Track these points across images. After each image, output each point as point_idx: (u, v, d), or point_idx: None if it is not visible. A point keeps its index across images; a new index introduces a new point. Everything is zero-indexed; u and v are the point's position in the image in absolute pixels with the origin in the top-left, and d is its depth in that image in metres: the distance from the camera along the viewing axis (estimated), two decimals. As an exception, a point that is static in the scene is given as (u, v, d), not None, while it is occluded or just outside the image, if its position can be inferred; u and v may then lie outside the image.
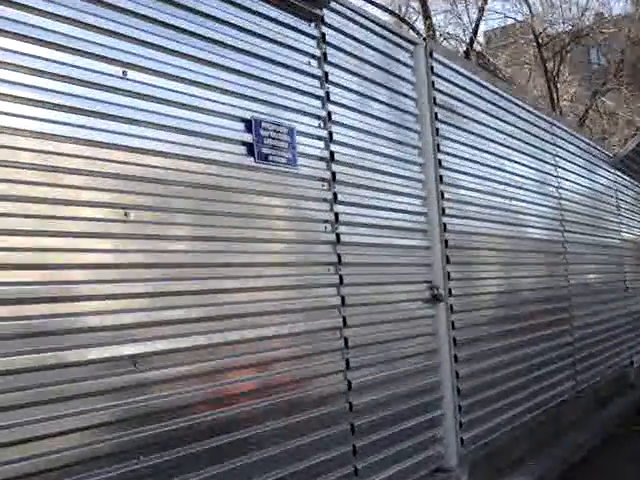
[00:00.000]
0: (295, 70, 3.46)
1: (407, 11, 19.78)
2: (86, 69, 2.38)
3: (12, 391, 1.94)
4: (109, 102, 2.44)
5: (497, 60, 20.81)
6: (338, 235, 3.47)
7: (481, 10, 19.93)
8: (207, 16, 2.93)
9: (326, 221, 3.52)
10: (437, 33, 18.51)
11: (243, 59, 3.13)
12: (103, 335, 2.24)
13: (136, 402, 2.35)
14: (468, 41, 19.57)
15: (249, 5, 3.18)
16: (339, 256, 3.44)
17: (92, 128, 2.36)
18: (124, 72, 2.51)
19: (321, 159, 3.58)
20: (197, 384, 2.60)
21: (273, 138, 3.22)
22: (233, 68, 3.07)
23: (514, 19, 23.30)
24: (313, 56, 3.60)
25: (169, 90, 2.70)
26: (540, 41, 20.73)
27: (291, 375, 3.07)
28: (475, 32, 19.96)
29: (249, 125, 3.10)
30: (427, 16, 18.30)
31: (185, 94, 2.77)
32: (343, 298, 3.40)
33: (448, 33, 19.85)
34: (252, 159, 3.09)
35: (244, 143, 3.09)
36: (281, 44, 3.37)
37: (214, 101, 2.94)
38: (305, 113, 3.50)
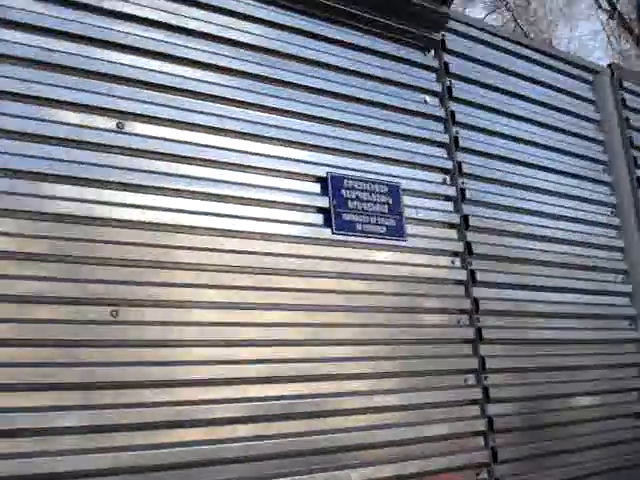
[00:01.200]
0: (406, 112, 2.61)
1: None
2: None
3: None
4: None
5: None
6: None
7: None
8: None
9: (462, 311, 2.54)
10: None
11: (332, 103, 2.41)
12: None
13: None
14: None
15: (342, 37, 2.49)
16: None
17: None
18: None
19: (450, 226, 2.62)
20: None
21: (363, 200, 2.36)
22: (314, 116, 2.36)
23: None
24: (433, 93, 2.72)
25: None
26: None
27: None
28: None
29: (324, 185, 2.29)
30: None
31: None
32: None
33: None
34: (329, 231, 2.26)
35: (319, 209, 2.27)
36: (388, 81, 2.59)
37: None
38: (424, 166, 2.60)
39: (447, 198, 2.65)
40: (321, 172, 2.30)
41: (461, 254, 2.61)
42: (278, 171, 2.21)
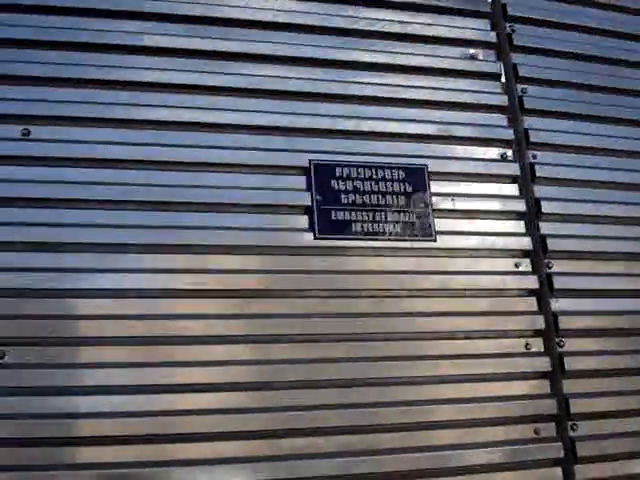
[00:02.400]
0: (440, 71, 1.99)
1: None
2: None
3: None
4: None
5: None
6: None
7: None
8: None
9: (535, 333, 1.82)
10: None
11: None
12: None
13: None
14: None
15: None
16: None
17: None
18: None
19: (512, 215, 1.92)
20: None
21: (366, 192, 1.78)
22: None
23: None
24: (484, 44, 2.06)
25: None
26: None
27: None
28: None
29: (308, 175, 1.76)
30: None
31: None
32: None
33: None
34: (310, 235, 1.72)
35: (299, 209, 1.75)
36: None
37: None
38: (469, 139, 1.95)
39: (507, 179, 1.95)
40: (302, 160, 1.78)
41: (531, 254, 1.88)
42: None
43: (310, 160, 1.77)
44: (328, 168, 1.77)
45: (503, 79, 2.05)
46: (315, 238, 1.71)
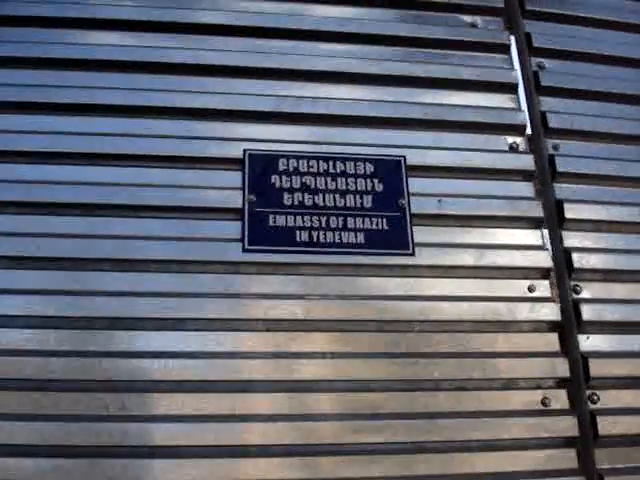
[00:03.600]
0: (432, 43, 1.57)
1: None
2: None
3: None
4: None
5: None
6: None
7: None
8: None
9: (558, 384, 1.32)
10: None
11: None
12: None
13: None
14: None
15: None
16: None
17: None
18: None
19: (523, 222, 1.43)
20: None
21: (320, 191, 1.34)
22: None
23: None
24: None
25: None
26: None
27: None
28: None
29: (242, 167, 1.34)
30: None
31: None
32: None
33: None
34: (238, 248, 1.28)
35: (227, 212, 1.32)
36: None
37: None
38: (467, 124, 1.50)
39: (518, 175, 1.47)
40: (234, 150, 1.36)
41: (550, 274, 1.39)
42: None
43: (245, 150, 1.35)
44: (268, 159, 1.35)
45: (514, 51, 1.60)
46: (244, 251, 1.27)
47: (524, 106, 1.54)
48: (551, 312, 1.35)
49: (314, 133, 1.40)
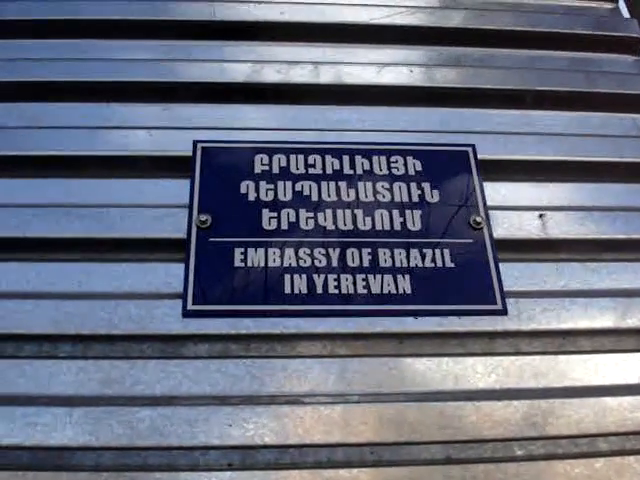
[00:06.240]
0: None
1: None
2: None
3: None
4: None
5: None
6: None
7: None
8: None
9: None
10: None
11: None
12: None
13: None
14: None
15: None
16: None
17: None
18: None
19: None
20: None
21: (332, 204, 0.75)
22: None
23: None
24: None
25: None
26: None
27: None
28: None
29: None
30: None
31: None
32: None
33: None
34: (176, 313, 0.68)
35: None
36: None
37: None
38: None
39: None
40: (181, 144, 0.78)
41: None
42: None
43: (195, 142, 0.78)
44: (234, 155, 0.77)
45: None
46: (185, 315, 0.68)
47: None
48: None
49: (316, 113, 0.83)
